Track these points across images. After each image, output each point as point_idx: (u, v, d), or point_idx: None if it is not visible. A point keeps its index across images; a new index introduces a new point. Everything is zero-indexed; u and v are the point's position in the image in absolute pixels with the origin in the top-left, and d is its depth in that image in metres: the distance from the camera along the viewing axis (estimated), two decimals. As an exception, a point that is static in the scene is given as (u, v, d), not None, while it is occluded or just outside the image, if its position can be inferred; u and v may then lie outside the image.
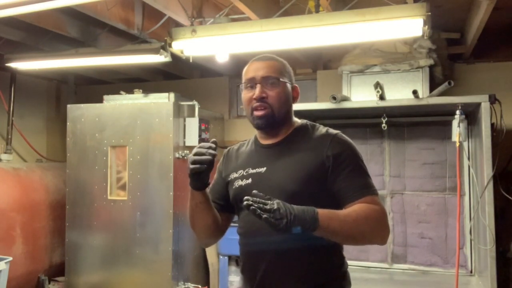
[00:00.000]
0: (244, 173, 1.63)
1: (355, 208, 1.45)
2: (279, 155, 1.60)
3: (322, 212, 1.36)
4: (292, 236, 1.50)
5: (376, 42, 3.50)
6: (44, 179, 4.17)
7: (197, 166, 1.50)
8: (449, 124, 3.16)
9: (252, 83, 1.60)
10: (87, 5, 2.70)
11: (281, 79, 1.60)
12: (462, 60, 4.02)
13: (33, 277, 3.96)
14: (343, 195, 1.51)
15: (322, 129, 1.63)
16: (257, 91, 1.57)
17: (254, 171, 1.61)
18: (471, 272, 3.42)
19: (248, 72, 1.64)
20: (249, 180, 1.60)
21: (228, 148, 1.81)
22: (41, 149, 4.94)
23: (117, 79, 5.11)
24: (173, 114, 3.67)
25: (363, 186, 1.51)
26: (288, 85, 1.63)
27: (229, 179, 1.68)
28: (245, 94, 1.62)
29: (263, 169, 1.59)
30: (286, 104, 1.62)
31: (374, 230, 1.47)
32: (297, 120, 1.70)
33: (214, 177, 1.78)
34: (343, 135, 1.61)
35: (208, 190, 1.61)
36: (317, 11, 2.65)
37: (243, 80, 1.64)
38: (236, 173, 1.66)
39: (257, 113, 1.58)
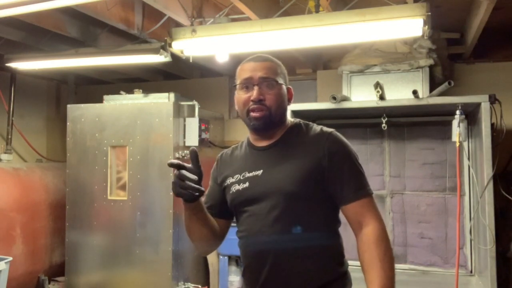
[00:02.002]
0: (241, 177, 1.61)
1: (372, 258, 1.49)
2: (275, 157, 1.59)
3: None
4: (293, 237, 1.51)
5: (376, 42, 3.49)
6: (44, 179, 4.16)
7: (183, 193, 1.46)
8: (449, 124, 3.16)
9: (248, 83, 1.57)
10: (87, 5, 2.69)
11: (278, 81, 1.59)
12: (462, 60, 4.02)
13: (33, 277, 3.95)
14: (339, 196, 1.53)
15: (316, 128, 1.62)
16: (255, 92, 1.55)
17: (250, 174, 1.59)
18: (471, 272, 3.42)
19: (244, 72, 1.60)
20: (246, 184, 1.58)
21: (221, 153, 1.78)
22: (41, 149, 4.94)
23: (117, 79, 5.11)
24: (173, 114, 3.67)
25: (358, 187, 1.52)
26: (284, 87, 1.62)
27: (225, 184, 1.66)
28: (241, 95, 1.59)
29: (259, 172, 1.58)
30: (282, 106, 1.61)
31: (390, 251, 1.56)
32: (291, 120, 1.68)
33: (208, 184, 1.75)
34: (338, 134, 1.60)
35: (202, 199, 1.56)
36: (317, 11, 2.65)
37: (238, 80, 1.60)
38: (233, 177, 1.63)
39: (254, 114, 1.55)
